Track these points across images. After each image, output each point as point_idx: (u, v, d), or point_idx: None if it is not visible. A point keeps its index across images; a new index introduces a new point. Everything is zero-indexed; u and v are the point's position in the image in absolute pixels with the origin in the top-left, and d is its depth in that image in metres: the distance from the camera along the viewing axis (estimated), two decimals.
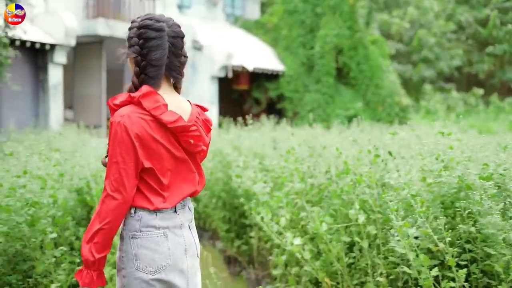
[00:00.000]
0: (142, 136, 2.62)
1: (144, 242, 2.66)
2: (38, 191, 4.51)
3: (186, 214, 2.81)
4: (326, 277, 4.36)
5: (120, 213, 2.62)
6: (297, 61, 21.67)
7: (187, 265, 2.73)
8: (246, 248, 6.80)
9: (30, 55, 15.08)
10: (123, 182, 2.60)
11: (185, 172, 2.78)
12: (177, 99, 2.80)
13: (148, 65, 2.71)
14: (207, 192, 7.52)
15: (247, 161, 6.22)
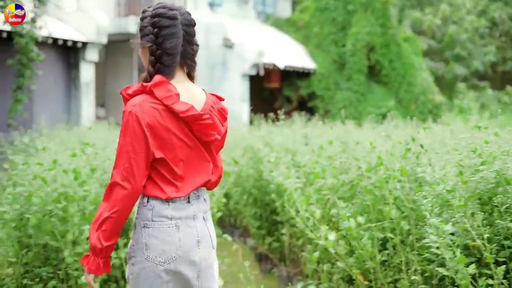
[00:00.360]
0: (154, 125, 2.61)
1: (155, 232, 2.66)
2: (69, 184, 4.51)
3: (201, 205, 2.79)
4: (359, 275, 4.28)
5: (129, 203, 2.62)
6: (328, 59, 21.55)
7: (199, 256, 2.72)
8: (278, 245, 6.73)
9: (63, 53, 15.18)
10: (133, 172, 2.60)
11: (198, 161, 2.75)
12: (191, 88, 2.78)
13: (163, 53, 2.69)
14: (238, 189, 7.46)
15: (279, 157, 6.15)
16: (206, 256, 2.75)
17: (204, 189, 2.84)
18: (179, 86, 2.71)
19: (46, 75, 13.98)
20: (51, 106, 14.76)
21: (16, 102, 10.45)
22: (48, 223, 4.30)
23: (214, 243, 2.84)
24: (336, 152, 5.18)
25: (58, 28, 14.43)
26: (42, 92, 14.45)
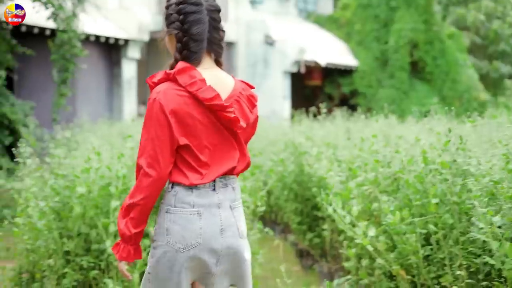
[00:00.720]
0: (178, 112, 2.62)
1: (176, 218, 2.67)
2: (109, 175, 4.53)
3: (228, 193, 2.77)
4: (401, 270, 4.19)
5: (155, 190, 2.64)
6: (370, 56, 21.37)
7: (221, 245, 2.71)
8: (319, 241, 6.66)
9: (105, 50, 15.31)
10: (157, 159, 2.62)
11: (224, 148, 2.74)
12: (218, 74, 2.78)
13: (189, 40, 2.70)
14: (279, 184, 7.41)
15: (320, 152, 6.07)
16: (229, 245, 2.73)
17: (233, 178, 2.81)
18: (206, 73, 2.71)
19: (89, 73, 14.11)
20: (93, 104, 14.91)
21: (60, 97, 10.65)
22: (92, 213, 4.33)
23: (243, 233, 2.82)
24: (379, 145, 5.09)
25: (100, 26, 14.56)
26: (84, 89, 14.61)
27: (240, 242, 2.79)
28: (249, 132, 2.88)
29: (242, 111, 2.76)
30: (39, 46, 12.14)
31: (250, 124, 2.85)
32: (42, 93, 13.16)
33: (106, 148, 5.33)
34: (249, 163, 2.87)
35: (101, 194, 4.43)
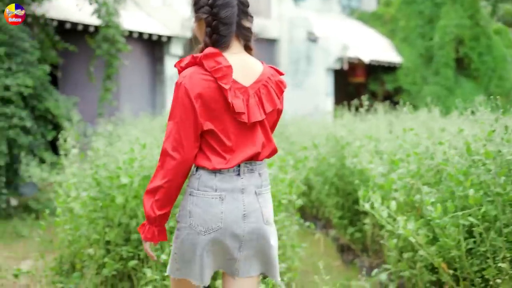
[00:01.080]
0: (203, 97, 2.65)
1: (199, 201, 2.71)
2: (150, 166, 4.54)
3: (254, 179, 2.78)
4: (443, 263, 4.11)
5: (179, 173, 2.69)
6: (415, 52, 21.09)
7: (243, 230, 2.73)
8: (360, 236, 6.59)
9: (148, 47, 15.40)
10: (182, 143, 2.65)
11: (248, 134, 2.75)
12: (246, 59, 2.79)
13: (219, 23, 2.73)
14: (320, 179, 7.37)
15: (362, 145, 6.00)
16: (252, 231, 2.75)
17: (260, 164, 2.82)
18: (234, 57, 2.74)
19: (132, 69, 14.23)
20: (136, 100, 15.02)
21: (105, 92, 10.79)
22: (133, 203, 4.35)
23: (268, 219, 2.82)
24: (421, 137, 5.01)
25: (144, 23, 14.66)
26: (128, 85, 14.72)
27: (265, 228, 2.79)
28: (272, 118, 2.88)
29: (269, 96, 2.78)
30: (83, 43, 12.28)
31: (277, 110, 2.86)
32: (86, 89, 13.30)
33: (147, 140, 5.36)
34: (274, 149, 2.86)
35: (142, 185, 4.45)
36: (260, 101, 2.76)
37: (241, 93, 2.72)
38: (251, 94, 2.74)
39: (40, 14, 10.97)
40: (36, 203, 9.27)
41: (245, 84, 2.75)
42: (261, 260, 2.83)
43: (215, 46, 2.74)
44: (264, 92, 2.77)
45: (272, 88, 2.80)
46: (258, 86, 2.77)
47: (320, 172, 7.35)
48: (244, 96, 2.72)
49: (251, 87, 2.75)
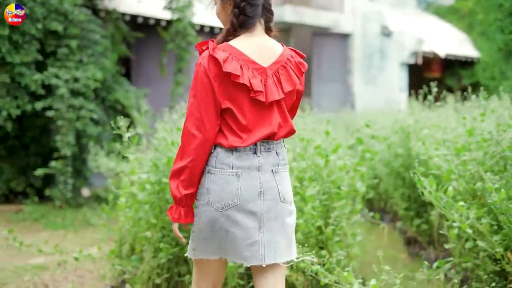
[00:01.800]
0: (221, 77, 2.72)
1: (216, 179, 2.76)
2: None
3: (271, 158, 2.83)
4: (509, 252, 3.95)
5: (202, 151, 2.75)
6: (493, 47, 20.50)
7: (260, 207, 2.77)
8: (426, 227, 6.42)
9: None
10: (203, 121, 2.72)
11: (264, 114, 2.79)
12: (266, 41, 2.84)
13: (247, 5, 2.79)
14: (386, 169, 7.23)
15: (428, 133, 5.84)
16: (269, 208, 2.78)
17: (278, 143, 2.87)
18: (255, 39, 2.81)
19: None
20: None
21: (176, 85, 10.93)
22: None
23: (285, 197, 2.85)
24: (488, 124, 4.84)
25: (215, 18, 14.72)
26: None
27: (282, 206, 2.83)
28: (296, 98, 2.97)
29: (288, 76, 2.82)
30: (155, 37, 12.46)
31: (296, 90, 2.92)
32: (158, 83, 13.49)
33: None
34: (291, 130, 2.90)
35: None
36: (279, 81, 2.81)
37: (259, 74, 2.76)
38: (269, 74, 2.79)
39: (112, 8, 11.18)
40: (105, 193, 9.46)
41: (263, 64, 2.79)
42: (284, 244, 2.84)
43: (242, 27, 2.81)
44: (283, 73, 2.82)
45: (291, 68, 2.84)
46: (277, 67, 2.81)
47: (386, 163, 7.21)
48: (263, 76, 2.77)
49: (269, 67, 2.80)
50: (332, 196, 4.55)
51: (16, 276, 5.74)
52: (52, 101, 8.94)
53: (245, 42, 2.80)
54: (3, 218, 8.53)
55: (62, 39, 9.32)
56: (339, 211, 4.61)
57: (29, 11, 8.72)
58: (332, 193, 4.55)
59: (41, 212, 8.92)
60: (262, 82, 2.76)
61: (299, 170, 4.38)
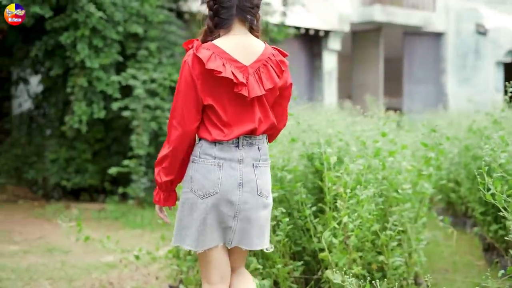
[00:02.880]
0: (204, 74, 2.87)
1: (199, 168, 2.94)
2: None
3: (252, 152, 2.99)
4: None
5: (182, 143, 2.94)
6: None
7: (238, 198, 2.94)
8: (504, 233, 6.08)
9: (306, 42, 15.40)
10: (183, 116, 2.90)
11: (245, 110, 2.94)
12: (248, 40, 2.97)
13: (219, 7, 2.94)
14: (463, 171, 6.92)
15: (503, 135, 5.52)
16: (246, 200, 2.96)
17: (260, 139, 3.03)
18: (236, 39, 2.95)
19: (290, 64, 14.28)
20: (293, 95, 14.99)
21: None
22: None
23: (262, 191, 3.02)
24: None
25: (302, 17, 14.64)
26: None
27: (258, 198, 3.00)
28: (280, 95, 3.08)
29: (269, 74, 2.96)
30: None
31: (277, 88, 3.02)
32: None
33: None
34: (273, 125, 3.04)
35: None
36: (260, 79, 2.94)
37: (241, 71, 2.90)
38: (251, 72, 2.93)
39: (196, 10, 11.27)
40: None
41: (245, 63, 2.93)
42: (254, 233, 3.03)
43: (217, 28, 2.97)
44: (264, 71, 2.96)
45: (272, 67, 2.98)
46: (259, 65, 2.95)
47: (464, 165, 6.91)
48: (244, 74, 2.91)
49: (251, 66, 2.94)
50: (390, 199, 4.36)
51: (86, 273, 5.85)
52: (128, 101, 9.10)
53: (228, 42, 2.94)
54: (87, 216, 8.76)
55: (142, 41, 9.47)
56: (400, 215, 4.41)
57: (109, 15, 8.91)
58: (390, 196, 4.36)
59: (121, 211, 9.11)
60: (244, 79, 2.90)
61: (356, 172, 4.23)
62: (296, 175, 4.64)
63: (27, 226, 8.15)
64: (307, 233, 4.41)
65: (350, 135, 4.90)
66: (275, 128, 3.09)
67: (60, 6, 9.14)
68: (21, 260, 6.41)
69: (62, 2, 9.06)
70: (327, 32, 15.27)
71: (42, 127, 10.96)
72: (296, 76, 15.26)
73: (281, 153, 4.63)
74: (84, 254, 6.65)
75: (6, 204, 10.04)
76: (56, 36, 9.10)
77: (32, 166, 10.61)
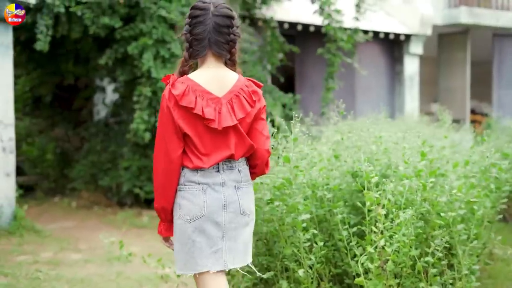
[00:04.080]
0: (180, 107, 3.06)
1: (185, 194, 3.12)
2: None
3: (233, 175, 3.18)
4: None
5: (170, 171, 3.11)
6: None
7: (223, 219, 3.12)
8: None
9: (386, 46, 15.03)
10: (167, 146, 3.09)
11: (222, 138, 3.13)
12: (221, 73, 3.17)
13: (193, 39, 3.16)
14: None
15: None
16: (231, 220, 3.14)
17: (240, 162, 3.22)
18: (210, 71, 3.15)
19: (368, 69, 13.99)
20: (373, 101, 14.68)
21: (327, 91, 10.70)
22: (273, 210, 4.14)
23: (244, 210, 3.20)
24: None
25: (382, 22, 14.31)
26: (364, 86, 14.47)
27: (241, 217, 3.19)
28: (254, 119, 3.22)
29: (241, 105, 3.15)
30: (317, 44, 12.34)
31: (249, 115, 3.18)
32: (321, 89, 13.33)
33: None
34: (250, 146, 3.21)
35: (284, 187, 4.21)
36: (233, 109, 3.13)
37: (214, 103, 3.10)
38: (224, 103, 3.12)
39: (269, 17, 11.21)
40: None
41: (218, 94, 3.13)
42: (241, 250, 3.20)
43: (191, 58, 3.19)
44: (236, 102, 3.15)
45: (244, 97, 3.16)
46: (231, 96, 3.14)
47: None
48: (217, 105, 3.10)
49: (224, 97, 3.13)
50: (431, 222, 4.10)
51: (138, 285, 5.86)
52: None
53: (203, 75, 3.14)
54: (155, 224, 8.79)
55: None
56: (445, 237, 4.15)
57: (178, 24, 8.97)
58: (431, 219, 4.11)
59: None
60: (216, 110, 3.09)
61: (396, 193, 4.02)
62: (337, 194, 4.46)
63: (95, 233, 8.27)
64: (346, 256, 4.22)
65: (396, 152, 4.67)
66: (252, 149, 3.23)
67: (131, 16, 9.26)
68: (79, 270, 6.52)
69: (133, 12, 9.17)
70: (408, 36, 14.85)
71: (117, 134, 11.13)
72: (376, 81, 14.95)
73: (322, 170, 4.45)
74: (141, 265, 6.65)
75: (82, 210, 10.29)
76: (126, 44, 9.22)
77: (107, 173, 10.80)
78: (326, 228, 4.44)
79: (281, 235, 4.08)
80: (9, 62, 8.38)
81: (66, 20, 9.22)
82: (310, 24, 12.61)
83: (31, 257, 7.07)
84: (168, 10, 8.94)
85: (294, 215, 4.00)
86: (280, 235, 4.08)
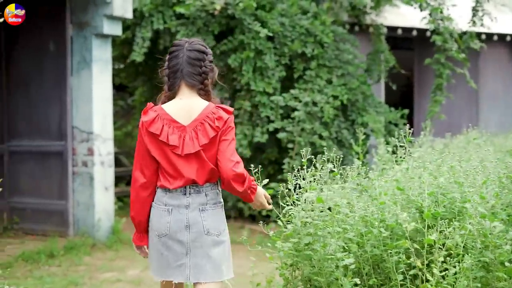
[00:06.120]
0: (149, 134, 3.45)
1: (155, 212, 3.52)
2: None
3: (199, 198, 3.47)
4: None
5: (143, 191, 3.51)
6: None
7: (187, 238, 3.44)
8: None
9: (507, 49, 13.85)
10: (142, 167, 3.50)
11: (186, 163, 3.43)
12: (189, 103, 3.49)
13: (170, 72, 3.55)
14: None
15: None
16: (194, 239, 3.43)
17: (207, 186, 3.48)
18: (180, 102, 3.50)
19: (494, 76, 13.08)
20: (500, 110, 13.60)
21: (434, 104, 9.97)
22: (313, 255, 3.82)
23: (209, 230, 3.46)
24: None
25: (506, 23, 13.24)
26: (489, 95, 13.43)
27: (206, 237, 3.45)
28: (219, 142, 3.44)
29: (205, 132, 3.42)
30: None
31: (214, 141, 3.42)
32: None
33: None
34: (213, 171, 3.44)
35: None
36: (196, 136, 3.42)
37: (180, 131, 3.44)
38: (189, 131, 3.43)
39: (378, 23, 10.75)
40: None
41: (184, 123, 3.45)
42: (209, 267, 3.44)
43: (170, 90, 3.53)
44: (201, 129, 3.43)
45: (209, 124, 3.42)
46: (196, 124, 3.44)
47: None
48: (182, 133, 3.43)
49: (189, 125, 3.44)
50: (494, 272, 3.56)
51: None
52: (286, 123, 8.91)
53: (173, 105, 3.49)
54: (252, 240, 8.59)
55: (310, 61, 9.19)
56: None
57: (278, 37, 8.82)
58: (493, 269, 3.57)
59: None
60: (181, 138, 3.42)
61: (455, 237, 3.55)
62: (397, 231, 4.00)
63: None
64: None
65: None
66: (215, 172, 3.47)
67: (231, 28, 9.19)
68: None
69: (232, 23, 9.08)
70: None
71: None
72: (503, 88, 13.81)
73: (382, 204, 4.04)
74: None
75: None
76: (225, 58, 9.15)
77: None
78: (383, 269, 4.02)
79: (323, 281, 3.74)
80: (108, 77, 8.51)
81: (167, 33, 9.35)
82: (427, 29, 11.97)
83: (116, 274, 7.10)
84: (265, 18, 8.83)
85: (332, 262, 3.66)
86: (322, 281, 3.74)
